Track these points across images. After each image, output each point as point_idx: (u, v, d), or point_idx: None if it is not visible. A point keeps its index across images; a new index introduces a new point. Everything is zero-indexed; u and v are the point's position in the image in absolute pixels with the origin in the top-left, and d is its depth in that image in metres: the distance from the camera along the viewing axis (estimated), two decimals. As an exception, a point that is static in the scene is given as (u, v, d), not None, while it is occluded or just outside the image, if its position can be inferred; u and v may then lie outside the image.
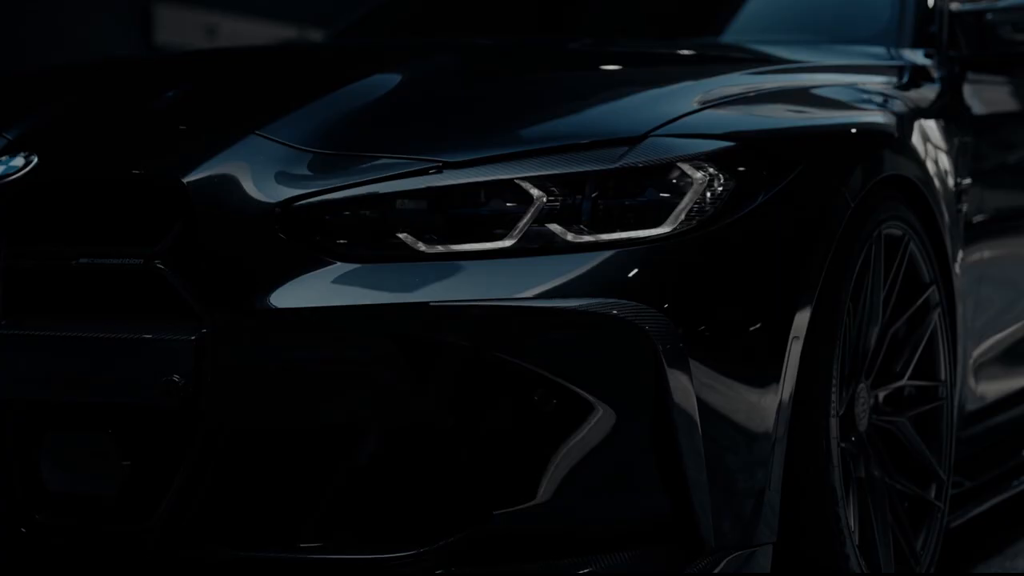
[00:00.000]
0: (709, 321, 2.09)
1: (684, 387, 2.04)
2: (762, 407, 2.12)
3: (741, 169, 2.18)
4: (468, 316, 2.01)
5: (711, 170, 2.15)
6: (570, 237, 2.07)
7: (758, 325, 2.13)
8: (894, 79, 2.90)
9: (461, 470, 2.04)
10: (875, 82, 2.80)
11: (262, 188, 2.06)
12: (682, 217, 2.10)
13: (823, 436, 2.22)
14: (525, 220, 2.07)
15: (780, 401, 2.13)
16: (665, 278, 2.07)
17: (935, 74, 3.08)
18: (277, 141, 2.11)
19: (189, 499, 2.06)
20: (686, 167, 2.13)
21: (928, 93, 2.96)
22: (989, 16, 3.22)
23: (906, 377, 2.57)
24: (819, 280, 2.21)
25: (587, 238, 2.08)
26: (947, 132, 2.90)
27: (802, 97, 2.51)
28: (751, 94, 2.40)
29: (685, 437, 2.05)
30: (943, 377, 2.66)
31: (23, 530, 2.15)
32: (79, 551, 2.14)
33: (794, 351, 2.15)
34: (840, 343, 2.27)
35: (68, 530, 2.15)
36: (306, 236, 2.05)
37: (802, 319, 2.17)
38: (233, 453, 2.06)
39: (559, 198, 2.09)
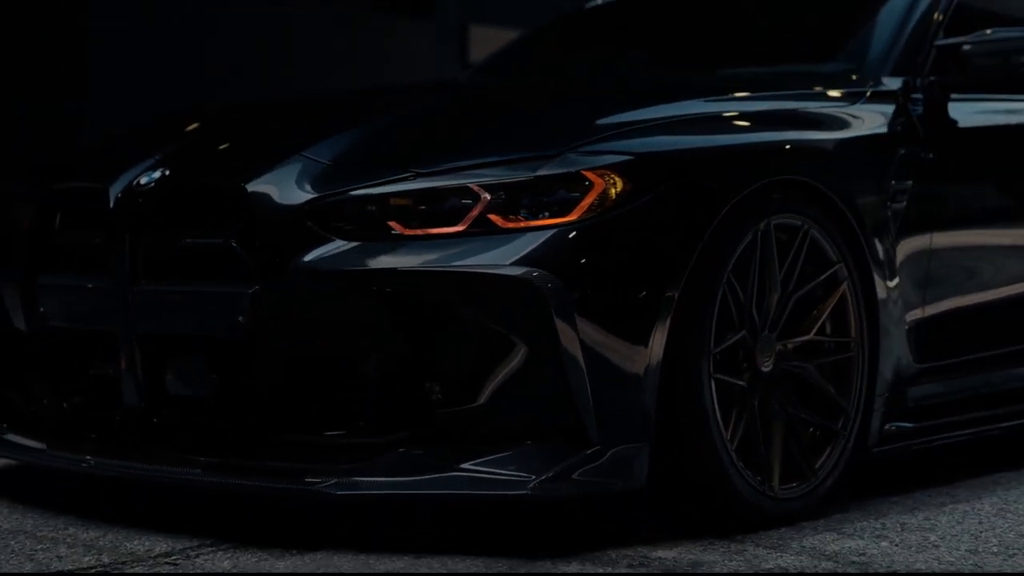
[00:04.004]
0: (596, 287, 2.95)
1: (570, 335, 2.91)
2: (638, 351, 2.97)
3: (636, 176, 3.04)
4: (429, 278, 2.96)
5: (612, 176, 3.02)
6: (506, 224, 2.99)
7: (636, 291, 2.99)
8: (845, 103, 3.65)
9: (422, 382, 2.98)
10: (816, 106, 3.58)
11: (298, 191, 3.05)
12: (583, 211, 2.99)
13: (697, 370, 3.06)
14: (474, 212, 2.99)
15: (652, 346, 2.98)
16: (564, 254, 2.95)
17: (908, 96, 3.80)
18: (314, 159, 3.11)
19: (255, 401, 3.08)
20: (590, 174, 3.01)
21: (881, 112, 3.69)
22: (966, 47, 3.92)
23: (812, 333, 3.36)
24: (692, 258, 3.04)
25: (517, 225, 2.99)
26: (890, 144, 3.64)
27: (723, 120, 3.34)
28: (675, 119, 3.25)
29: (572, 370, 2.92)
30: (853, 335, 3.42)
31: (155, 420, 3.23)
32: (189, 434, 3.19)
33: (666, 311, 2.99)
34: (716, 305, 3.10)
35: (183, 422, 3.21)
36: (326, 223, 3.03)
37: (674, 287, 3.00)
38: (278, 370, 3.06)
39: (499, 197, 3.00)
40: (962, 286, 3.83)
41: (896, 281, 3.55)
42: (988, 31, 3.95)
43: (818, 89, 3.72)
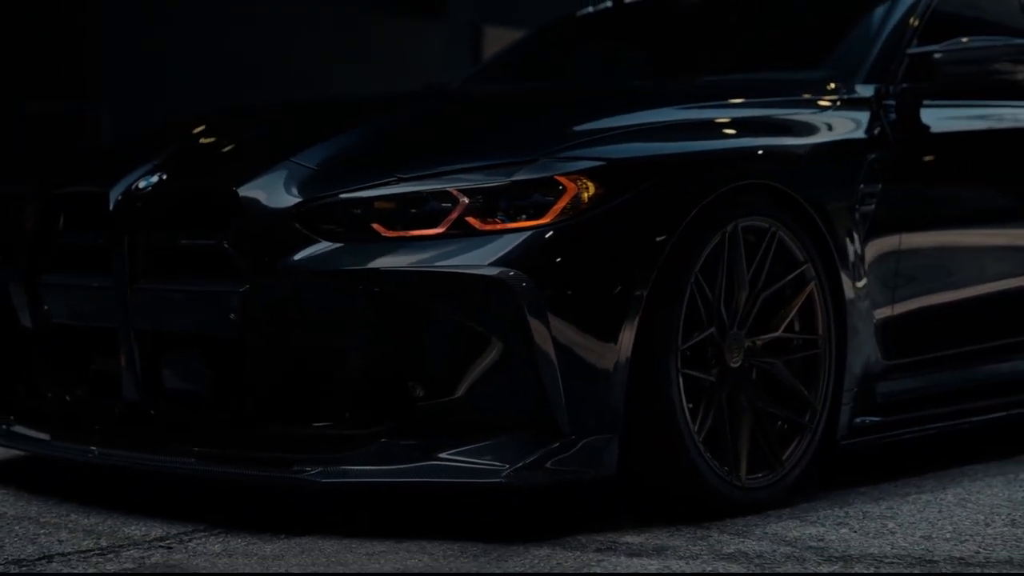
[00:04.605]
0: (568, 286, 3.11)
1: (543, 332, 3.07)
2: (608, 348, 3.12)
3: (607, 180, 3.20)
4: (410, 277, 3.12)
5: (585, 181, 3.18)
6: (484, 227, 3.15)
7: (605, 290, 3.14)
8: (817, 109, 3.81)
9: (404, 376, 3.15)
10: (788, 113, 3.73)
11: (287, 194, 3.22)
12: (556, 214, 3.15)
13: (665, 366, 3.21)
14: (453, 215, 3.15)
15: (622, 343, 3.13)
16: (538, 255, 3.11)
17: (880, 103, 3.96)
18: (302, 164, 3.27)
19: (246, 395, 3.24)
20: (563, 179, 3.17)
21: (852, 119, 3.85)
22: (937, 55, 4.07)
23: (780, 330, 3.51)
24: (660, 259, 3.19)
25: (494, 227, 3.15)
26: (860, 148, 3.79)
27: (694, 126, 3.49)
28: (648, 126, 3.41)
29: (544, 366, 3.08)
30: (820, 332, 3.58)
31: (151, 412, 3.40)
32: (185, 427, 3.35)
33: (634, 310, 3.14)
34: (684, 304, 3.25)
35: (179, 415, 3.37)
36: (313, 225, 3.19)
37: (643, 287, 3.16)
38: (269, 364, 3.22)
39: (477, 200, 3.16)
40: (931, 286, 3.98)
41: (864, 281, 3.70)
42: (964, 39, 4.10)
43: (792, 96, 3.88)
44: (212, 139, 3.63)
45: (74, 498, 3.51)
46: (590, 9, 5.25)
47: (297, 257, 3.18)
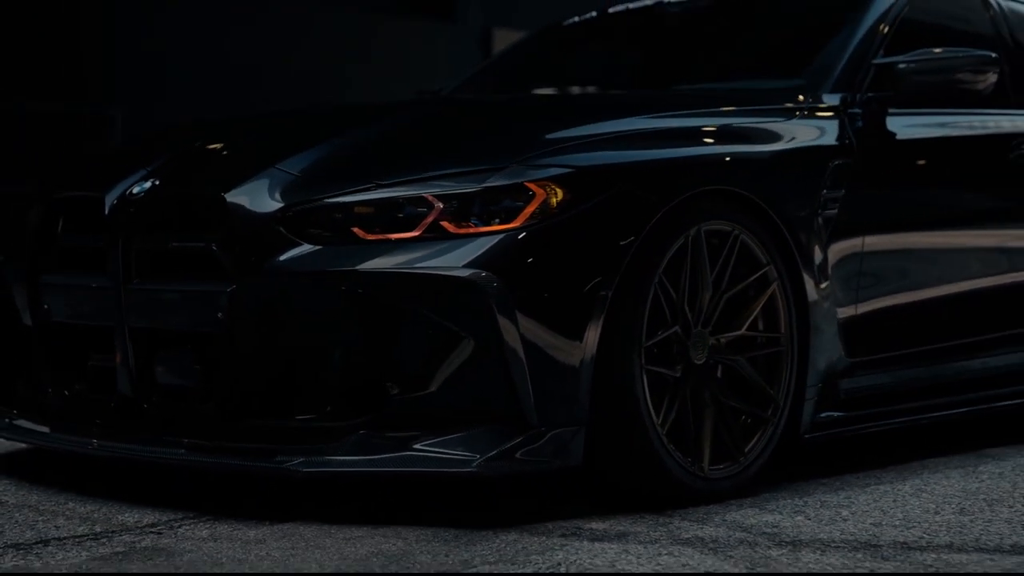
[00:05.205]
0: (535, 287, 3.29)
1: (511, 330, 3.25)
2: (574, 346, 3.30)
3: (575, 186, 3.38)
4: (387, 278, 3.30)
5: (553, 187, 3.36)
6: (457, 230, 3.33)
7: (571, 291, 3.32)
8: (782, 117, 3.98)
9: (381, 372, 3.33)
10: (753, 121, 3.90)
11: (271, 199, 3.40)
12: (526, 218, 3.33)
13: (628, 363, 3.39)
14: (428, 220, 3.34)
15: (587, 341, 3.31)
16: (507, 257, 3.29)
17: (845, 111, 4.14)
18: (286, 171, 3.46)
19: (232, 389, 3.43)
20: (532, 185, 3.35)
21: (817, 126, 4.03)
22: (901, 66, 4.25)
23: (743, 329, 3.69)
24: (625, 261, 3.37)
25: (467, 231, 3.33)
26: (823, 155, 3.97)
27: (660, 134, 3.67)
28: (616, 134, 3.59)
29: (513, 362, 3.26)
30: (783, 331, 3.75)
31: (145, 406, 3.58)
32: (176, 420, 3.54)
33: (599, 310, 3.33)
34: (648, 304, 3.43)
35: (171, 408, 3.56)
36: (296, 229, 3.38)
37: (608, 288, 3.34)
38: (255, 360, 3.41)
39: (451, 205, 3.34)
40: (893, 286, 4.15)
41: (827, 282, 3.87)
42: (930, 50, 4.27)
43: (760, 105, 4.05)
44: (204, 146, 3.81)
45: (72, 488, 3.70)
46: (575, 19, 5.43)
47: (281, 259, 3.36)
